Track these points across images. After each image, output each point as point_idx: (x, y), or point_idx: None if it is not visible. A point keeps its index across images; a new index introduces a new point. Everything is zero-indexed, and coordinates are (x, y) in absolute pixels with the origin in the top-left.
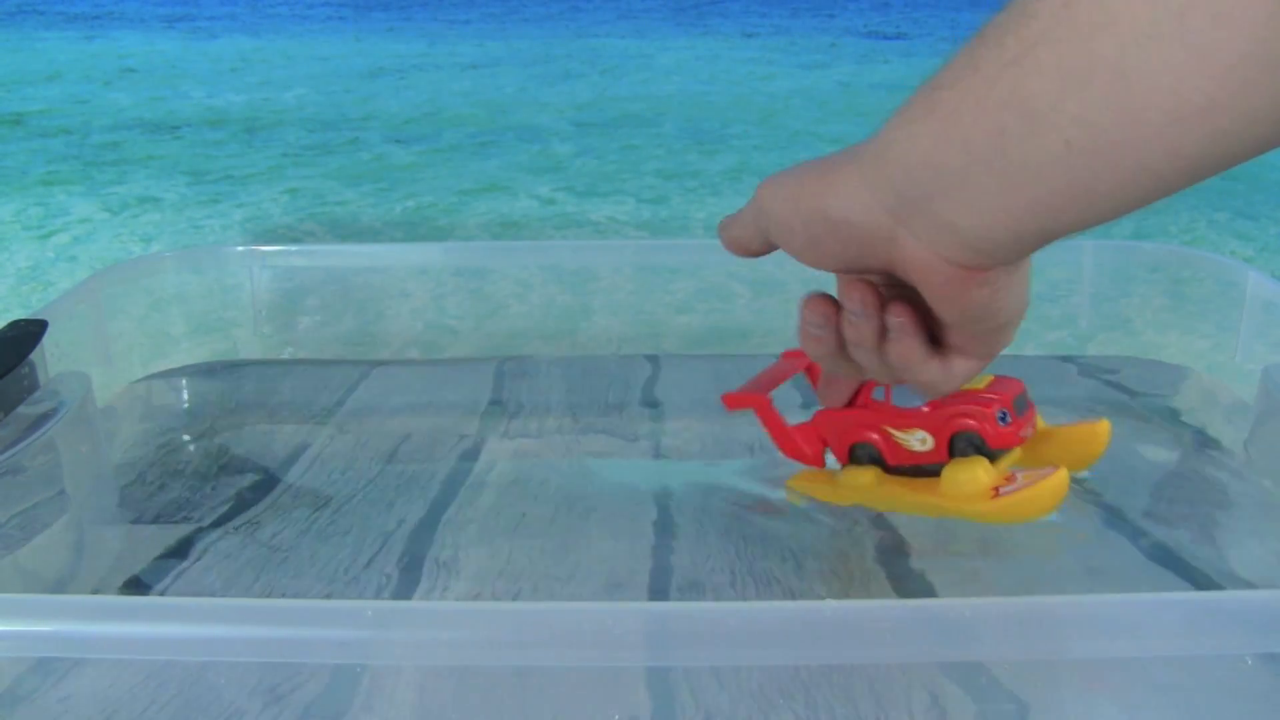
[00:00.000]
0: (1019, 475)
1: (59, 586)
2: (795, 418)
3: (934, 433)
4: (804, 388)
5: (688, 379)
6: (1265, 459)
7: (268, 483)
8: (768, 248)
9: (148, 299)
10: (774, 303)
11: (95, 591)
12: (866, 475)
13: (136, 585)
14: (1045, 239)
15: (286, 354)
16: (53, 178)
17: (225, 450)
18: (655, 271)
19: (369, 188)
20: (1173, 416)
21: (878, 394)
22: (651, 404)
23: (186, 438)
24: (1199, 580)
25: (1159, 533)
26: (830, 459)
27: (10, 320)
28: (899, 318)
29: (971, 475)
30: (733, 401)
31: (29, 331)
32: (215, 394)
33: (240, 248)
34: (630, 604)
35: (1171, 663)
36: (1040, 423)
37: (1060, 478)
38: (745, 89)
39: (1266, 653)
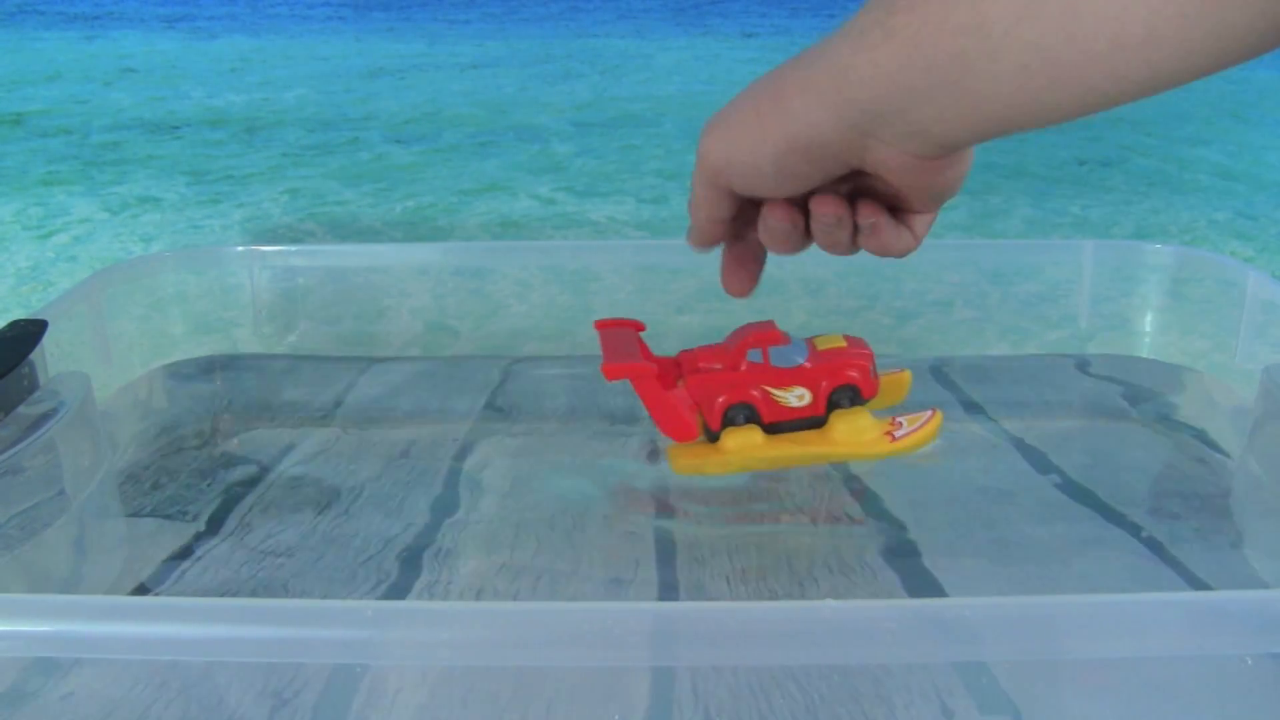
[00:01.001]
0: (900, 419)
1: (59, 587)
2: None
3: (812, 388)
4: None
5: None
6: (1265, 459)
7: (268, 482)
8: (733, 206)
9: (148, 299)
10: (774, 302)
11: (95, 591)
12: (753, 435)
13: (136, 585)
14: (1006, 133)
15: (286, 354)
16: (53, 178)
17: (225, 450)
18: (655, 271)
19: (369, 188)
20: (1172, 416)
21: (753, 355)
22: None
23: (186, 437)
24: (1199, 580)
25: (1159, 532)
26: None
27: (10, 320)
28: (871, 218)
29: (868, 423)
30: (614, 372)
31: (29, 331)
32: (215, 394)
33: (240, 248)
34: (631, 604)
35: (1171, 663)
36: None
37: (939, 418)
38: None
39: (1266, 653)
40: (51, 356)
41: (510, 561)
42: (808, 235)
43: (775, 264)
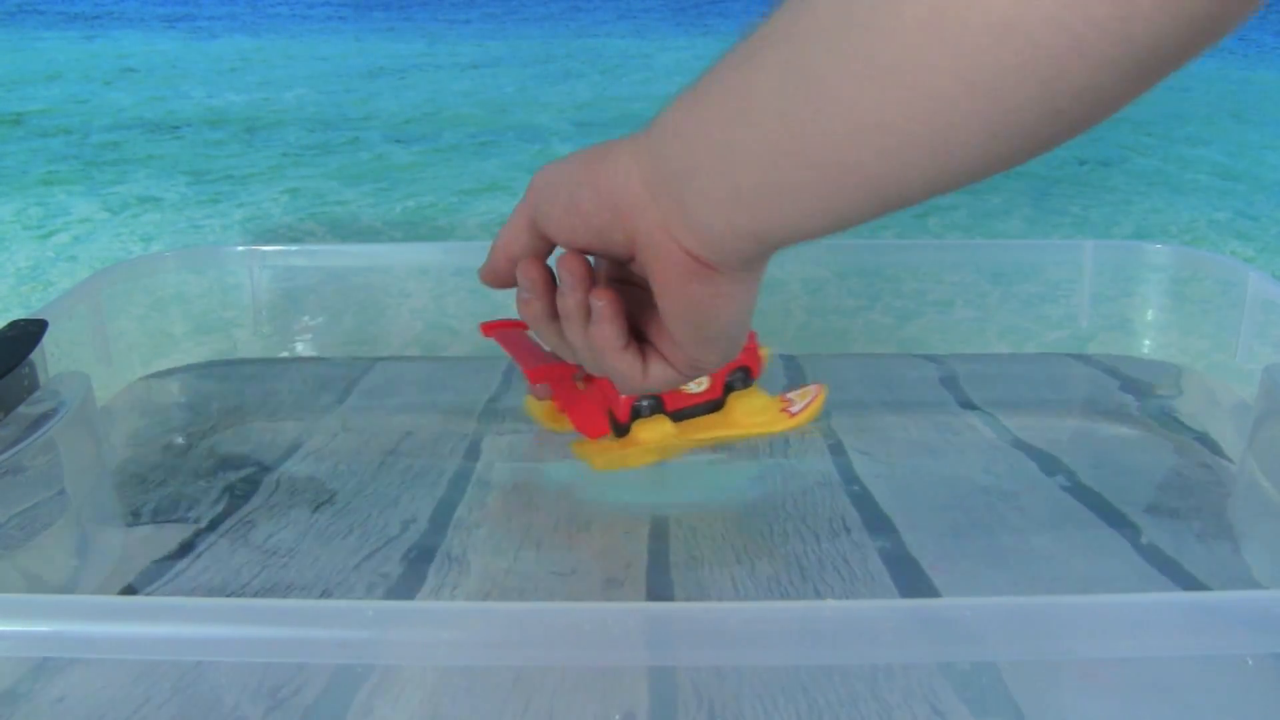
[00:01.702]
0: (789, 395)
1: (59, 587)
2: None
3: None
4: None
5: None
6: (1265, 459)
7: (268, 482)
8: (530, 243)
9: (148, 299)
10: (774, 302)
11: (95, 592)
12: (663, 424)
13: (136, 585)
14: (760, 242)
15: (286, 354)
16: (53, 178)
17: (225, 450)
18: None
19: (369, 188)
20: (1172, 416)
21: None
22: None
23: (186, 437)
24: (1199, 580)
25: (1159, 532)
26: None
27: (10, 320)
28: (601, 300)
29: (765, 402)
30: (538, 375)
31: (29, 331)
32: (215, 393)
33: (240, 248)
34: (630, 604)
35: (1171, 663)
36: None
37: (824, 392)
38: None
39: (1266, 653)
40: (51, 356)
41: (511, 562)
42: (554, 315)
43: (776, 264)
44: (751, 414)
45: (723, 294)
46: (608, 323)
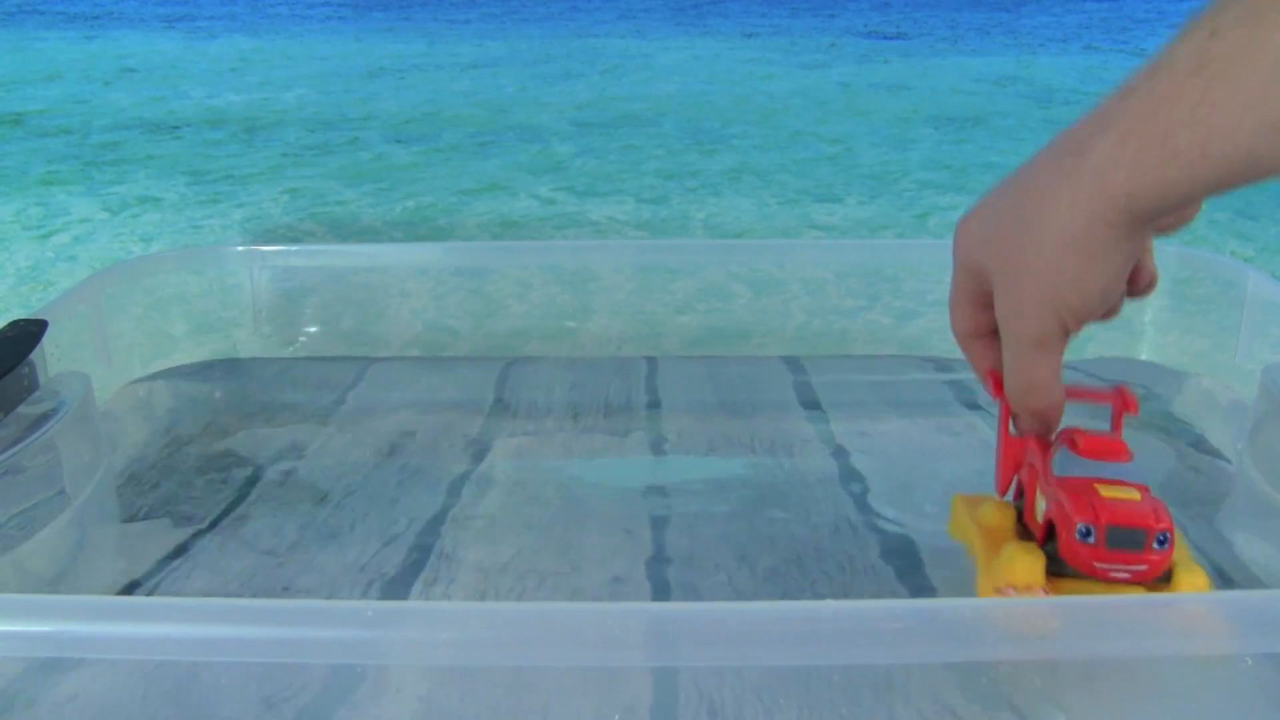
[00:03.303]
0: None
1: (59, 587)
2: None
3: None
4: None
5: (687, 379)
6: (1265, 459)
7: (267, 482)
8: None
9: (148, 299)
10: (774, 302)
11: (95, 592)
12: (1036, 561)
13: (136, 585)
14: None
15: (286, 354)
16: (53, 178)
17: (225, 450)
18: (655, 271)
19: (369, 188)
20: (1172, 416)
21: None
22: (651, 404)
23: (187, 438)
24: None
25: None
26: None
27: (10, 320)
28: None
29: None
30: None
31: (29, 331)
32: (215, 394)
33: (240, 248)
34: (631, 604)
35: (1171, 663)
36: None
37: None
38: (745, 89)
39: (1266, 653)
40: (51, 356)
41: (510, 561)
42: None
43: (775, 264)
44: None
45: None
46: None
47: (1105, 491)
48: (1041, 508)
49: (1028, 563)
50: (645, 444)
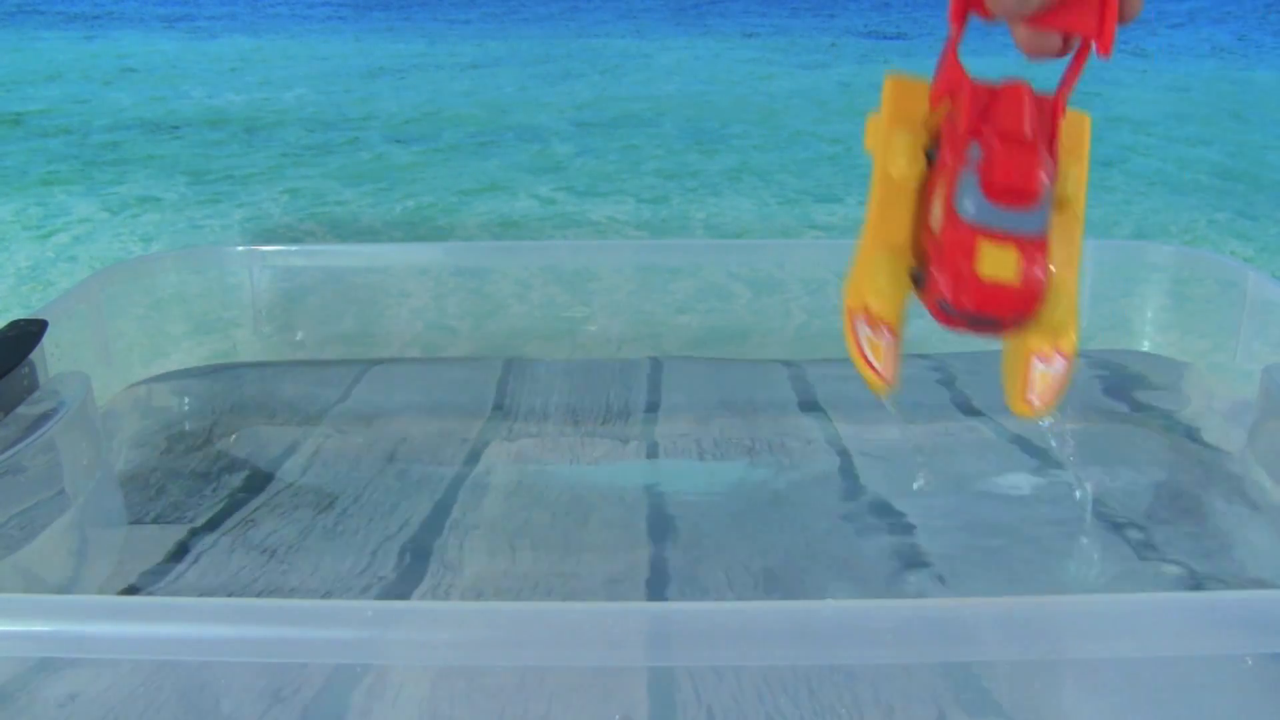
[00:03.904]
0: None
1: (59, 587)
2: None
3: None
4: None
5: (687, 380)
6: (1265, 459)
7: (267, 483)
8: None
9: (148, 299)
10: (774, 302)
11: (96, 593)
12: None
13: (136, 585)
14: None
15: (287, 354)
16: (53, 178)
17: (225, 451)
18: (655, 271)
19: (369, 188)
20: (1172, 416)
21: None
22: (651, 405)
23: (186, 438)
24: (1199, 580)
25: (1159, 532)
26: None
27: (10, 320)
28: None
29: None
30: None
31: (29, 331)
32: (215, 394)
33: (240, 248)
34: (630, 604)
35: (1171, 663)
36: None
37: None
38: (745, 89)
39: (1266, 653)
40: (51, 356)
41: (510, 561)
42: None
43: (775, 264)
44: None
45: None
46: None
47: (985, 264)
48: (937, 215)
49: (888, 293)
50: (645, 445)
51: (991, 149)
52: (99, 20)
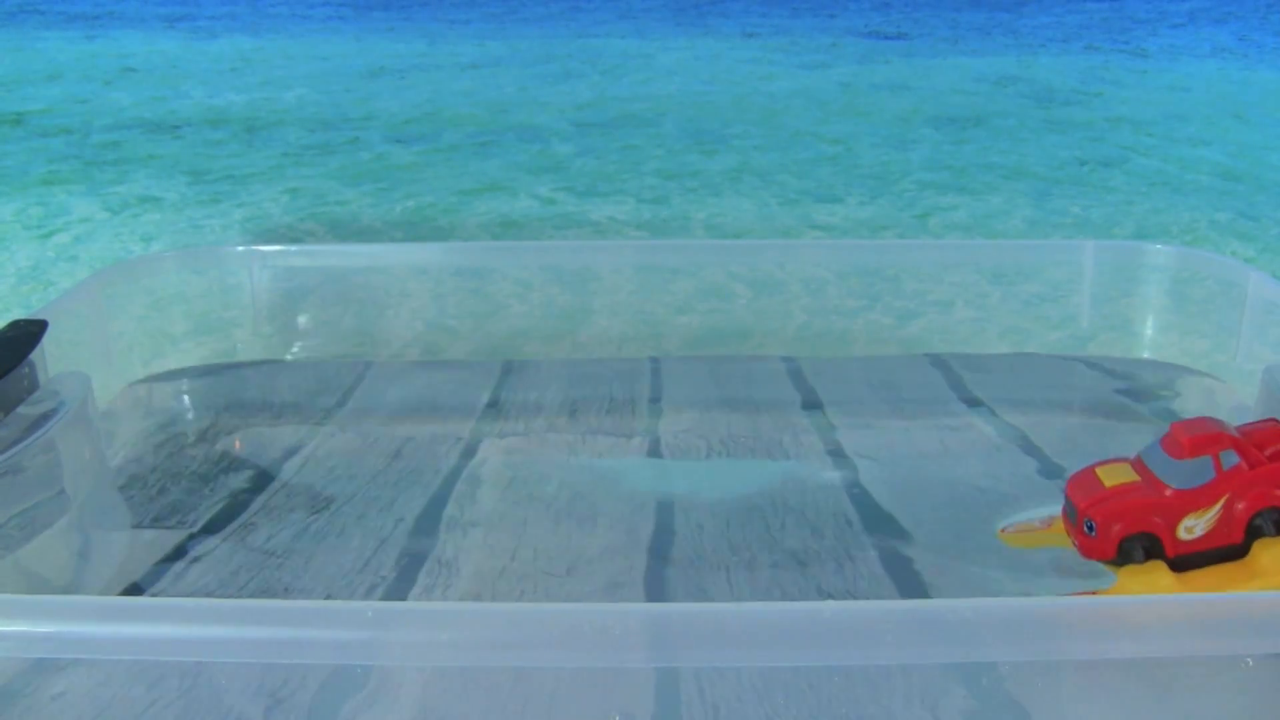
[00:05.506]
0: None
1: (60, 587)
2: None
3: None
4: None
5: (688, 379)
6: None
7: (267, 483)
8: None
9: (148, 299)
10: (774, 303)
11: (96, 593)
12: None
13: (136, 586)
14: None
15: (287, 354)
16: (53, 177)
17: (225, 451)
18: (655, 271)
19: (369, 188)
20: (1173, 417)
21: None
22: (651, 404)
23: (186, 438)
24: None
25: None
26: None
27: (10, 320)
28: None
29: None
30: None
31: (29, 331)
32: (215, 394)
33: (240, 248)
34: (631, 605)
35: (1171, 663)
36: None
37: None
38: (745, 89)
39: (1266, 653)
40: (51, 356)
41: (509, 562)
42: None
43: (775, 264)
44: None
45: None
46: None
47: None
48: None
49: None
50: (645, 445)
51: None
52: (99, 20)
